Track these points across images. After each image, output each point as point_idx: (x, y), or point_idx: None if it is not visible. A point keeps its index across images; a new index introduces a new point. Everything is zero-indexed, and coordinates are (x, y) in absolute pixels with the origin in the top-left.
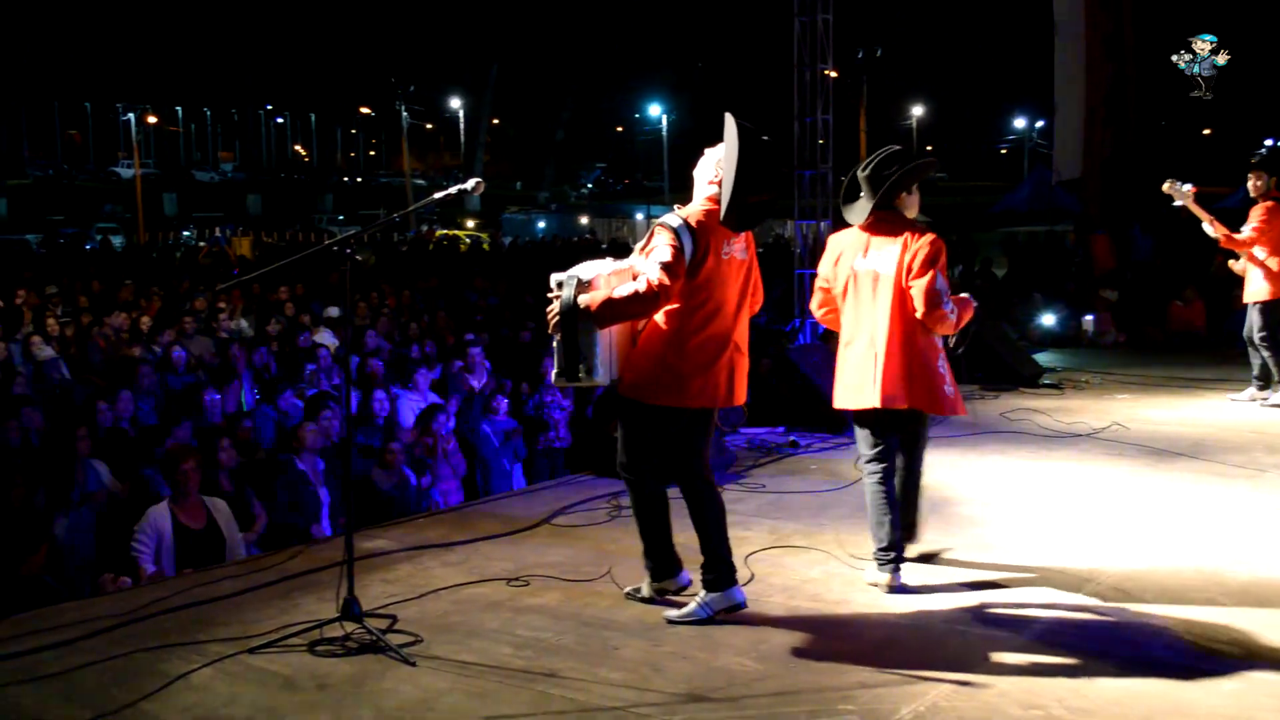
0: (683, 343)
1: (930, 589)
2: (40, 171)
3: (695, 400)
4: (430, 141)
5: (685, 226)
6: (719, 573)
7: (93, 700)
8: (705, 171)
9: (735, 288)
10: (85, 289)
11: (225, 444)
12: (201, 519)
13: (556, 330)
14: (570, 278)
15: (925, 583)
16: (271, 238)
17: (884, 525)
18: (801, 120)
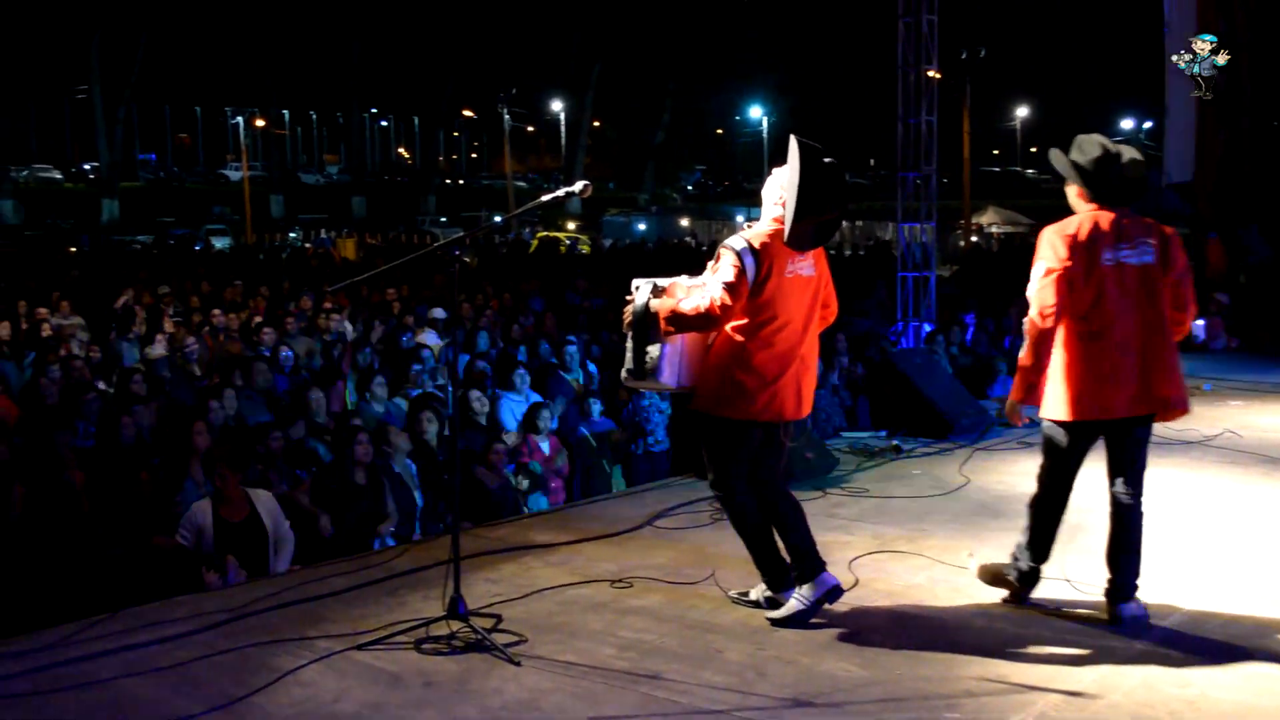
0: (748, 358)
1: (1038, 597)
2: (151, 174)
3: (761, 415)
4: (531, 144)
5: (749, 249)
6: (806, 564)
7: (205, 693)
8: (771, 193)
9: (803, 304)
10: (196, 289)
11: (364, 438)
12: (243, 512)
13: (629, 330)
14: (647, 283)
15: (1033, 591)
16: (375, 239)
17: (1042, 551)
18: (905, 122)
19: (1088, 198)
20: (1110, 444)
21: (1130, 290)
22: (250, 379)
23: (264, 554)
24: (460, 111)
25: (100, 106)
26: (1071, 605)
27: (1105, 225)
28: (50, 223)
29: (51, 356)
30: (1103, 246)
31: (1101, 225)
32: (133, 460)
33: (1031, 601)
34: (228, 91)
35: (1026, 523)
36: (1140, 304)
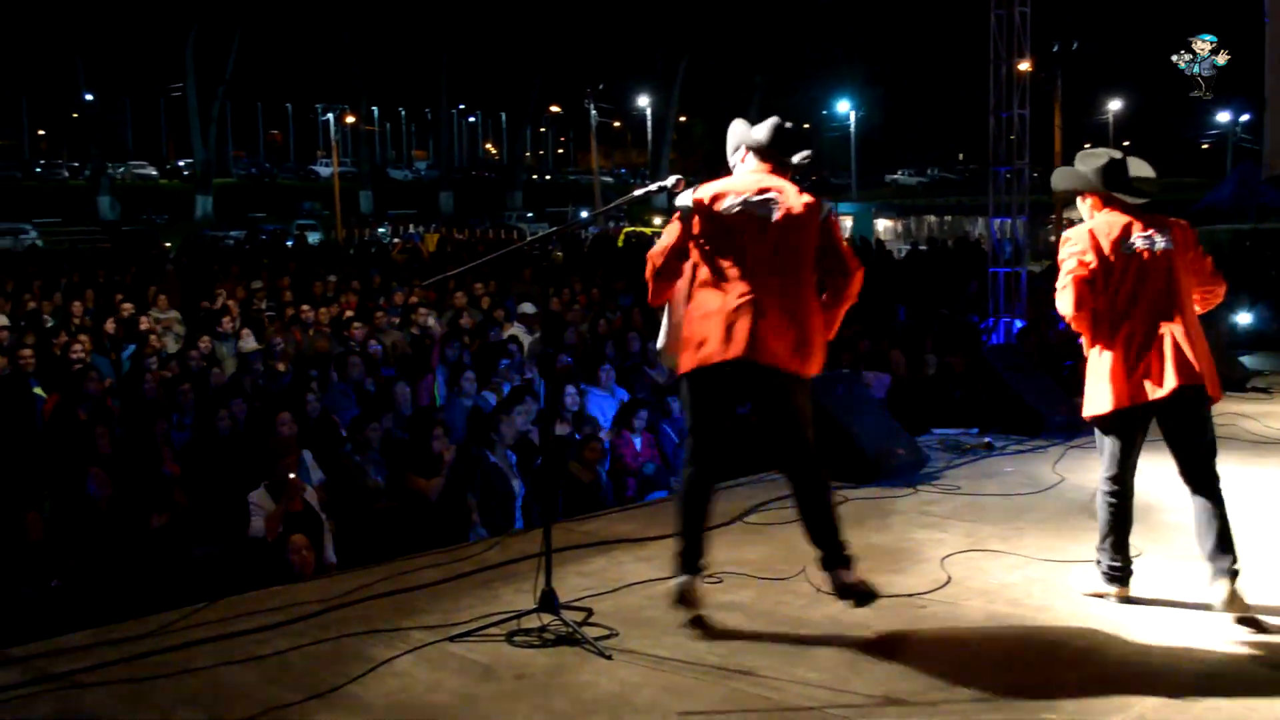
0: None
1: (1135, 598)
2: (244, 171)
3: (691, 362)
4: (617, 139)
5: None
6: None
7: (301, 682)
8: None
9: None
10: (295, 284)
11: (439, 433)
12: (299, 504)
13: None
14: None
15: (1130, 592)
16: (462, 234)
17: (1122, 547)
18: (997, 115)
19: (1102, 202)
20: (1163, 428)
21: (1152, 276)
22: (341, 373)
23: (320, 543)
24: (547, 107)
25: (195, 104)
26: (1171, 603)
27: (1120, 220)
28: (146, 218)
29: (149, 350)
30: (1121, 239)
31: (1116, 221)
32: (227, 453)
33: (1129, 600)
34: (318, 89)
35: (1101, 522)
36: (1164, 288)
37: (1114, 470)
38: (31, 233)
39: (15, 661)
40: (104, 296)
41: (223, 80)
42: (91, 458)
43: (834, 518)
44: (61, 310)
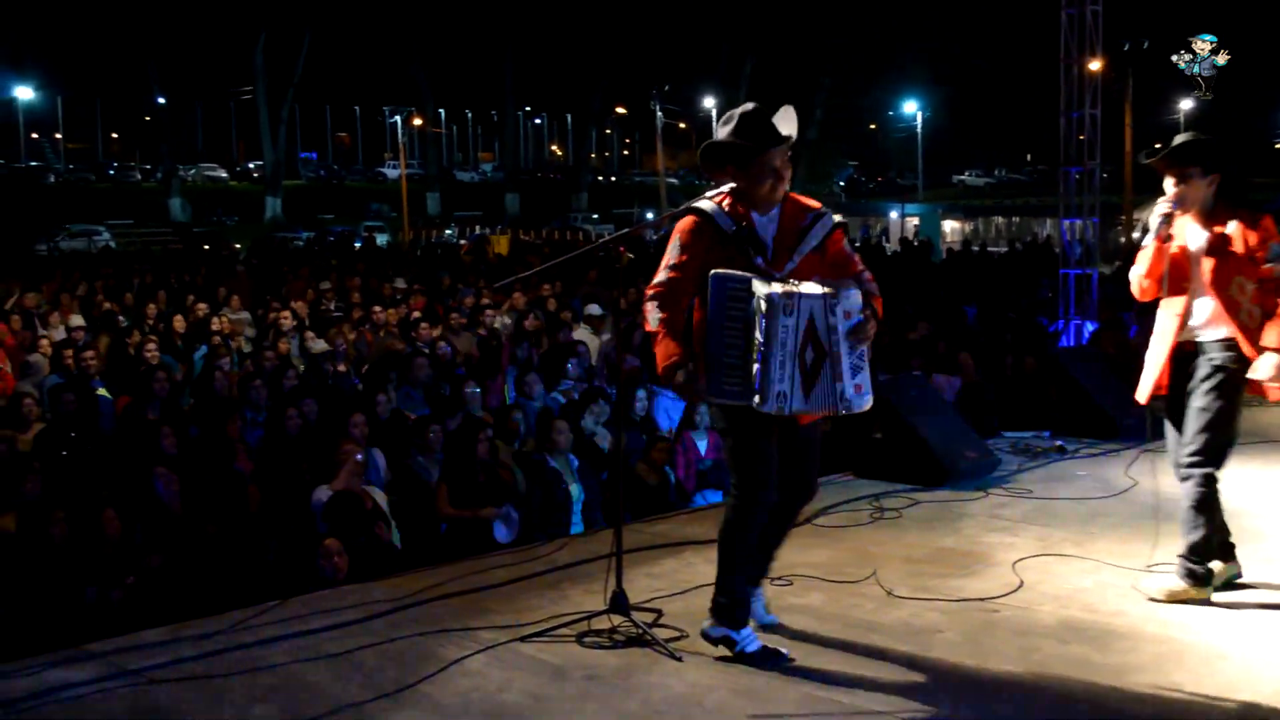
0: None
1: (1212, 603)
2: (313, 172)
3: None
4: (683, 140)
5: None
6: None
7: (373, 680)
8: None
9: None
10: (364, 285)
11: (489, 434)
12: (368, 500)
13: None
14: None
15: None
16: (529, 236)
17: (1211, 536)
18: (1068, 115)
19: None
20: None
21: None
22: (410, 374)
23: None
24: (613, 109)
25: (265, 107)
26: (1251, 606)
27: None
28: (216, 220)
29: (222, 350)
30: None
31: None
32: (297, 452)
33: (1210, 603)
34: (386, 91)
35: (1185, 523)
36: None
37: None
38: (105, 234)
39: (91, 657)
40: (176, 298)
41: (292, 83)
42: (158, 458)
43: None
44: (134, 311)
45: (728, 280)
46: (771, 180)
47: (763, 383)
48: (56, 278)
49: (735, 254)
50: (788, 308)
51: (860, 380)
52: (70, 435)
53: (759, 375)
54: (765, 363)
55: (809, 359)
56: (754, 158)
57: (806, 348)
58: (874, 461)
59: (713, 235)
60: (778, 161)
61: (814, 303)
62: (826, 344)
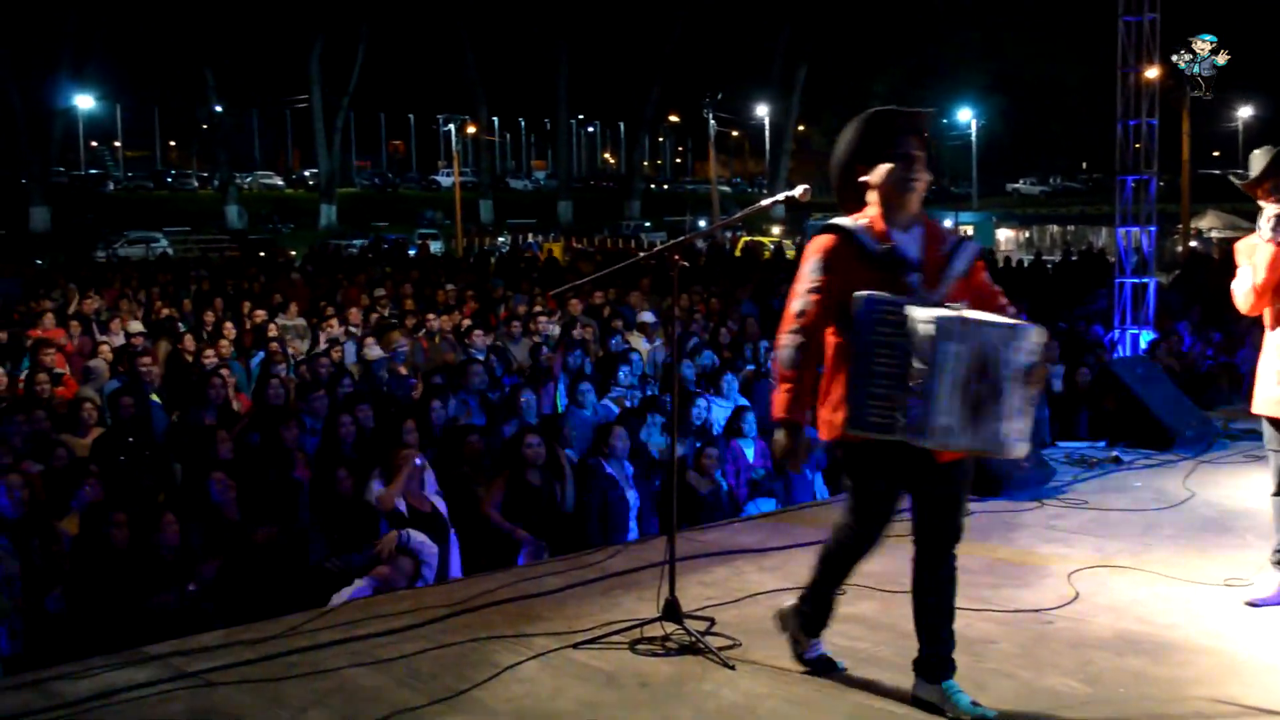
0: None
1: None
2: (367, 180)
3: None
4: (735, 148)
5: None
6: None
7: (428, 686)
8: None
9: None
10: (419, 293)
11: (535, 441)
12: (426, 506)
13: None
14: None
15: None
16: (581, 243)
17: None
18: (1125, 123)
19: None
20: None
21: None
22: (464, 381)
23: (446, 547)
24: (665, 116)
25: (320, 115)
26: None
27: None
28: (271, 227)
29: (279, 357)
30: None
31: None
32: (354, 458)
33: None
34: (440, 100)
35: None
36: None
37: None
38: (162, 241)
39: (151, 659)
40: (232, 304)
41: (347, 91)
42: (215, 464)
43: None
44: (192, 317)
45: (880, 302)
46: (916, 186)
47: (923, 415)
48: (115, 284)
49: (883, 275)
50: (960, 334)
51: (1021, 425)
52: (129, 440)
53: (918, 406)
54: (928, 394)
55: (976, 392)
56: (894, 156)
57: (974, 380)
58: None
59: (855, 254)
60: (919, 166)
61: (990, 333)
62: (996, 379)
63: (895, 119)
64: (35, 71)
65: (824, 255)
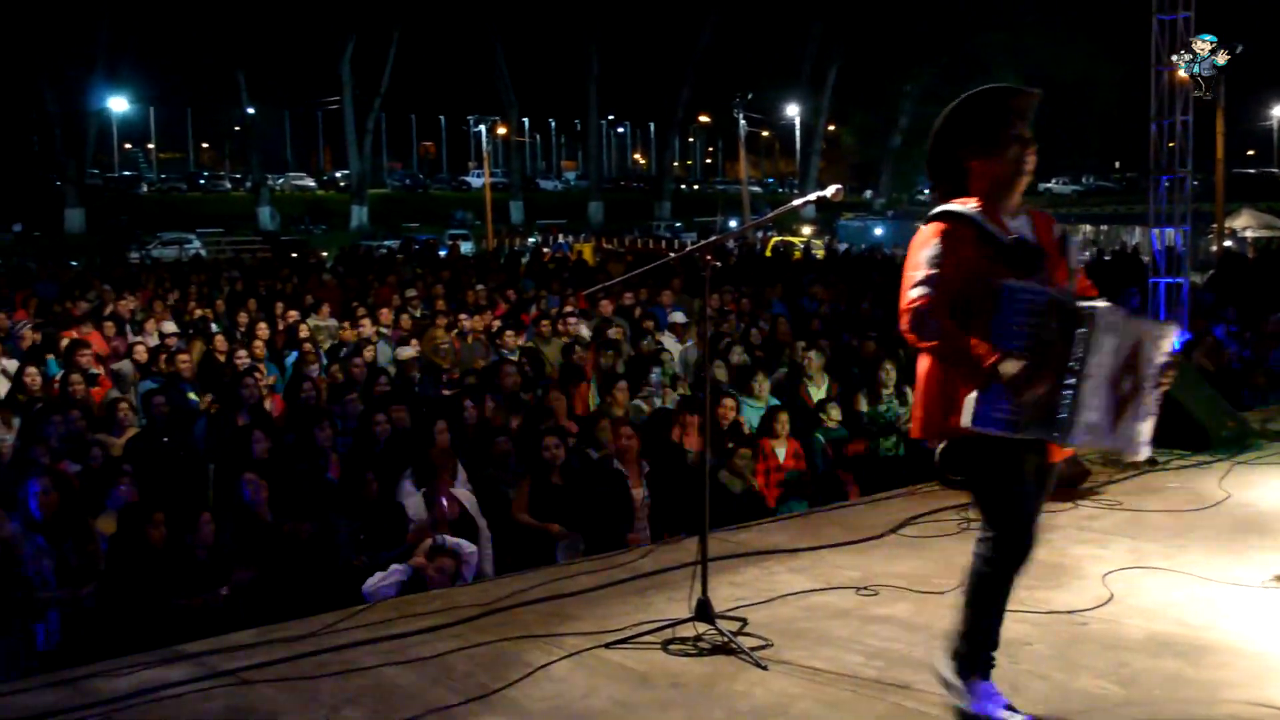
0: None
1: None
2: (398, 181)
3: None
4: (766, 148)
5: None
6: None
7: (461, 684)
8: None
9: None
10: (451, 293)
11: (553, 443)
12: (456, 510)
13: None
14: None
15: None
16: (611, 244)
17: None
18: (1158, 122)
19: None
20: None
21: None
22: (496, 381)
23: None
24: (695, 117)
25: (351, 117)
26: None
27: None
28: (303, 228)
29: (312, 357)
30: None
31: None
32: (384, 459)
33: None
34: (471, 101)
35: None
36: None
37: None
38: (195, 242)
39: (188, 658)
40: (265, 305)
41: (378, 93)
42: (247, 464)
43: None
44: (225, 318)
45: (1021, 292)
46: (1029, 171)
47: (1071, 412)
48: (149, 285)
49: (1011, 265)
50: (1120, 328)
51: (1149, 426)
52: (163, 440)
53: (1064, 403)
54: (1078, 389)
55: (1123, 390)
56: (1009, 139)
57: (1124, 377)
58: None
59: (976, 242)
60: (1033, 151)
61: (1144, 328)
62: (1142, 377)
63: (1009, 98)
64: (70, 74)
65: (944, 242)
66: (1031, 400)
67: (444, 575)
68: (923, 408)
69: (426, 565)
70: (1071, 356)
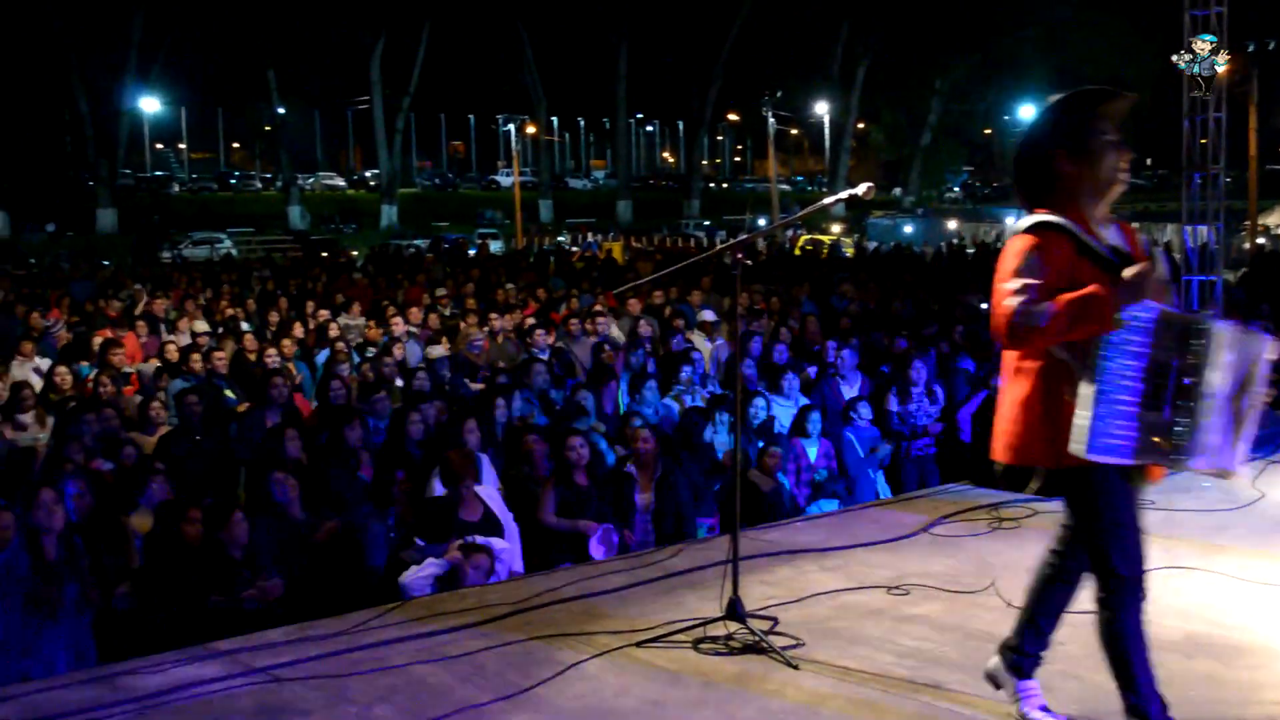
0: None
1: None
2: (428, 180)
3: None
4: (795, 146)
5: None
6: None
7: (493, 683)
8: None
9: None
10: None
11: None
12: (478, 511)
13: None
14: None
15: None
16: (640, 242)
17: None
18: (1191, 119)
19: None
20: None
21: None
22: (526, 380)
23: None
24: (724, 115)
25: (381, 117)
26: None
27: None
28: (333, 227)
29: (343, 356)
30: None
31: None
32: (418, 458)
33: None
34: (500, 100)
35: None
36: None
37: None
38: (226, 242)
39: (219, 655)
40: (296, 304)
41: (407, 93)
42: (278, 462)
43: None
44: (257, 317)
45: (1131, 309)
46: (1124, 179)
47: (1192, 434)
48: (180, 285)
49: (1107, 277)
50: (1241, 345)
51: (1248, 446)
52: (196, 438)
53: (1184, 424)
54: (1200, 410)
55: (1237, 409)
56: (1103, 145)
57: (1240, 395)
58: (993, 471)
59: (1075, 255)
60: (1127, 157)
61: (1256, 345)
62: (1252, 394)
63: (1103, 101)
64: (102, 75)
65: (1041, 254)
66: (1149, 423)
67: (480, 572)
68: (1018, 435)
69: (463, 560)
70: (1189, 374)
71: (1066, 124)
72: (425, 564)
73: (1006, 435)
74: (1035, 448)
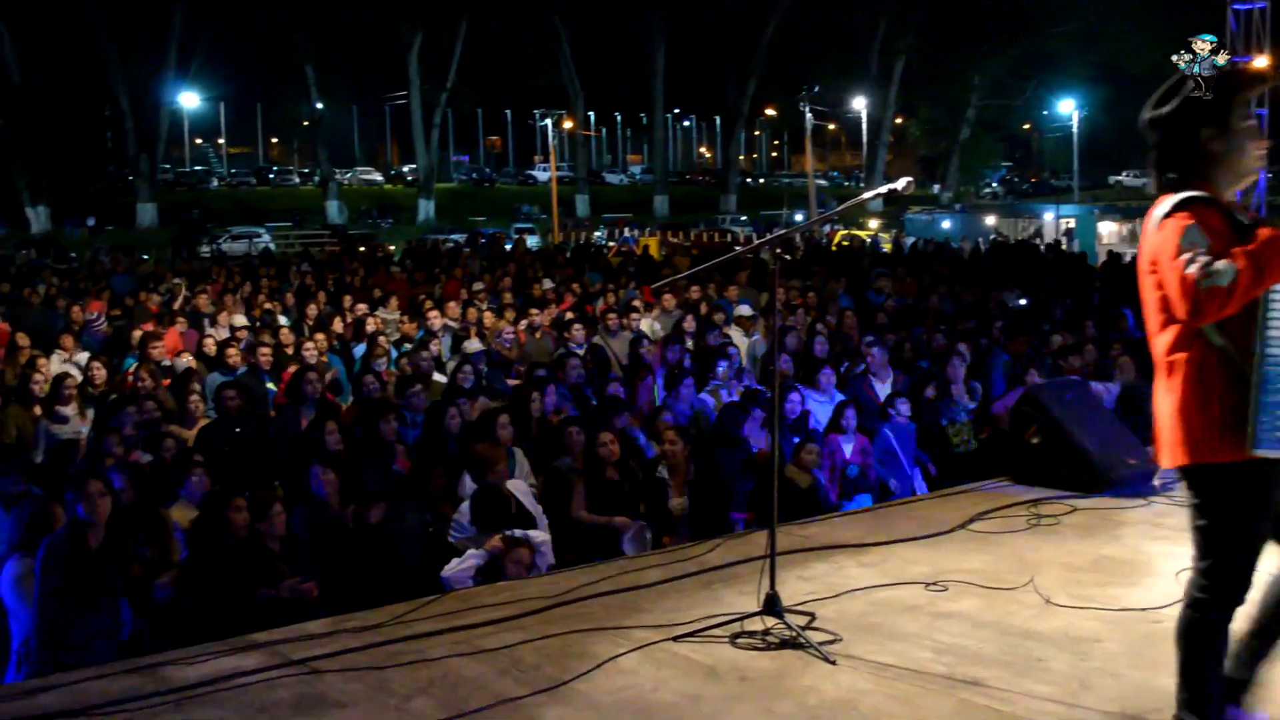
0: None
1: None
2: (465, 175)
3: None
4: (832, 141)
5: None
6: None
7: (530, 676)
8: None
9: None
10: (518, 287)
11: (607, 438)
12: (513, 503)
13: None
14: None
15: None
16: (677, 237)
17: None
18: None
19: None
20: None
21: None
22: (562, 375)
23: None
24: (761, 110)
25: (419, 112)
26: None
27: None
28: (371, 222)
29: (379, 350)
30: None
31: None
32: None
33: None
34: (537, 95)
35: None
36: None
37: None
38: (264, 236)
39: (259, 647)
40: (334, 299)
41: (445, 88)
42: (317, 455)
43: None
44: (295, 311)
45: None
46: (1262, 161)
47: None
48: (219, 279)
49: None
50: None
51: None
52: (235, 431)
53: None
54: None
55: None
56: (1247, 129)
57: None
58: (1031, 467)
59: (1227, 228)
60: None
61: None
62: None
63: (1250, 83)
64: (142, 71)
65: (1202, 227)
66: None
67: (519, 566)
68: (1185, 431)
69: (504, 552)
70: None
71: (1215, 104)
72: (466, 555)
73: (1176, 433)
74: (1205, 444)
